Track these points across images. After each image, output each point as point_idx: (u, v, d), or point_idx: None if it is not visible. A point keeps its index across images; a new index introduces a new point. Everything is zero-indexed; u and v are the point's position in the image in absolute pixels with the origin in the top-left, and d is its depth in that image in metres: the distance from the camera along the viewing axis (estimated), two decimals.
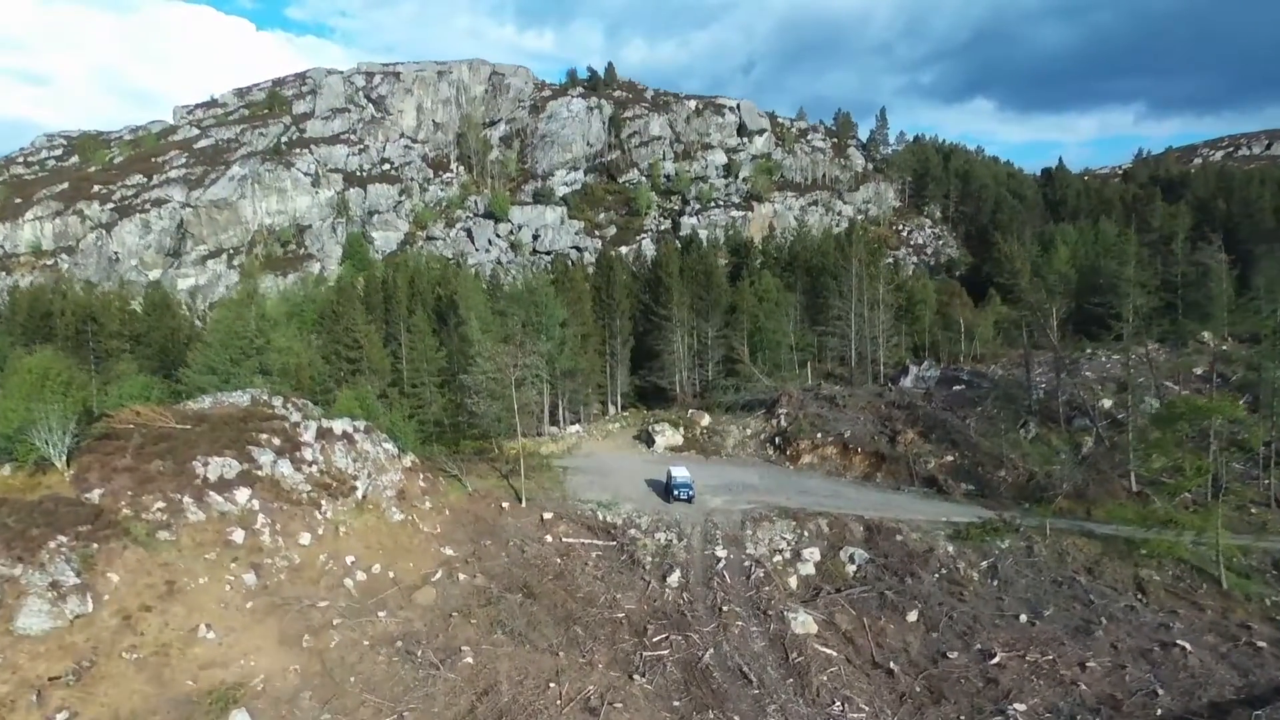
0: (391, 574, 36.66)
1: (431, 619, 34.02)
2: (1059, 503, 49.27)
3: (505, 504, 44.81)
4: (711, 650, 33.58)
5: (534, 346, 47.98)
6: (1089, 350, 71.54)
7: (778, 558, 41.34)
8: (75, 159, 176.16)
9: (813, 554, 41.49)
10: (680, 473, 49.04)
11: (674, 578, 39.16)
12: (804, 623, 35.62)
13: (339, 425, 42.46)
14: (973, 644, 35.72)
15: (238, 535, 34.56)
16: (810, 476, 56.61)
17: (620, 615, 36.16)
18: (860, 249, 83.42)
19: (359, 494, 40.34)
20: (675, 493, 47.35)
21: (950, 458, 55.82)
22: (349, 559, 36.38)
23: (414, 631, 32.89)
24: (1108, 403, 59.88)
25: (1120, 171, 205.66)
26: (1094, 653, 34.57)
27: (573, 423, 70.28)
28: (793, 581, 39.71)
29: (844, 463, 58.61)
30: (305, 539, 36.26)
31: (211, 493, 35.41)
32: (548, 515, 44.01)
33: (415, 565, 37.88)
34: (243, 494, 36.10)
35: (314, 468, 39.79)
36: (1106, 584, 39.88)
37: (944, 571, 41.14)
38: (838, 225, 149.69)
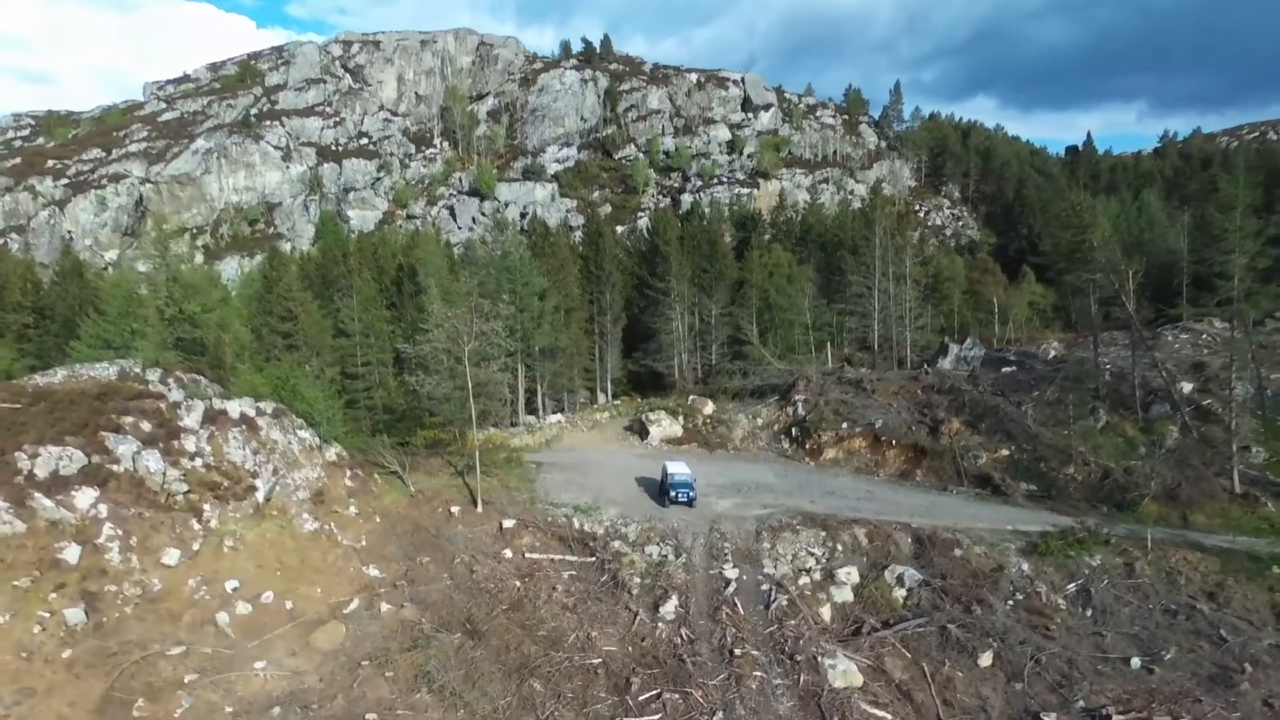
0: (289, 604, 27.66)
1: (332, 670, 25.02)
2: (1146, 506, 40.39)
3: (455, 508, 35.77)
4: (720, 714, 24.58)
5: (495, 309, 38.86)
6: (1161, 326, 62.52)
7: (805, 579, 32.30)
8: (41, 140, 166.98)
9: (850, 574, 32.46)
10: (679, 469, 40.03)
11: (669, 607, 30.17)
12: (845, 672, 26.64)
13: (237, 407, 33.40)
14: (1072, 699, 26.81)
15: (70, 553, 25.58)
16: (836, 474, 47.60)
17: (595, 661, 27.11)
18: (885, 215, 74.32)
19: (259, 496, 31.33)
20: (672, 494, 38.32)
21: (1005, 451, 46.78)
22: (230, 584, 27.37)
23: (303, 690, 23.90)
24: (1187, 387, 50.85)
25: (1139, 156, 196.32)
26: (1242, 714, 25.69)
27: (554, 412, 61.26)
28: (826, 612, 30.68)
29: (875, 458, 49.57)
30: (172, 557, 27.26)
31: (39, 495, 26.41)
32: (508, 523, 34.98)
33: (324, 591, 28.88)
34: (85, 496, 27.09)
35: (197, 461, 30.75)
36: (1236, 614, 30.85)
37: (1020, 597, 32.14)
38: (851, 204, 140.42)
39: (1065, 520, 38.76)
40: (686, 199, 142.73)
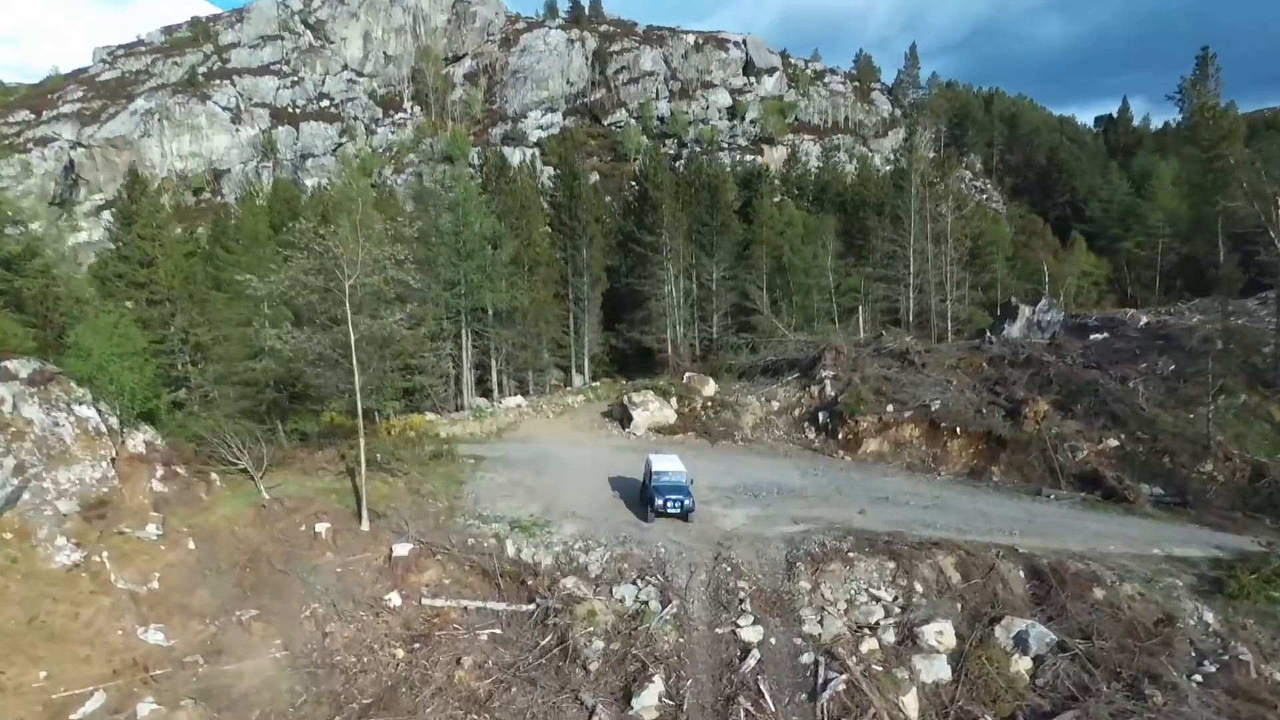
0: None
1: None
2: None
3: (324, 526, 23.82)
4: None
5: (397, 229, 27.01)
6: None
7: (871, 643, 20.38)
8: None
9: (942, 634, 20.60)
10: (669, 466, 28.04)
11: (649, 696, 18.30)
12: None
13: None
14: None
15: None
16: (883, 473, 35.83)
17: None
18: (923, 159, 62.53)
19: None
20: (659, 502, 26.32)
21: (1113, 441, 35.03)
22: None
23: None
24: None
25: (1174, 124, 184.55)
26: None
27: (516, 394, 49.36)
28: (911, 704, 18.80)
29: (933, 450, 37.75)
30: None
31: None
32: (402, 549, 23.04)
33: (51, 677, 16.98)
34: None
35: None
36: None
37: (1213, 669, 20.41)
38: (871, 162, 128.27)
39: (1233, 540, 27.12)
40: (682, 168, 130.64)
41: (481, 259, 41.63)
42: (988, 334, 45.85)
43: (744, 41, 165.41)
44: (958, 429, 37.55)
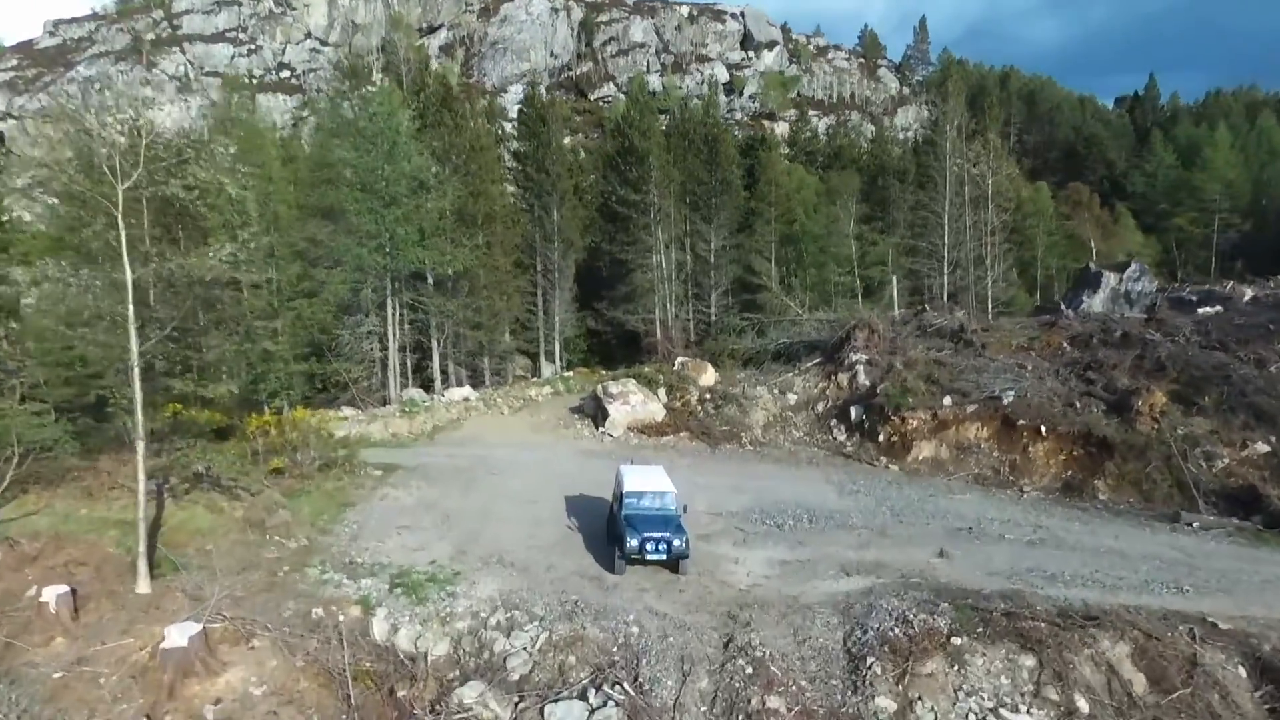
0: None
1: None
2: None
3: (59, 591, 14.29)
4: None
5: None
6: None
7: None
8: None
9: None
10: (648, 483, 18.52)
11: None
12: None
13: None
14: None
15: None
16: (947, 488, 26.60)
17: None
18: (959, 108, 53.48)
19: None
20: (634, 543, 16.81)
21: (1263, 446, 25.88)
22: None
23: None
24: None
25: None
26: None
27: (465, 385, 39.93)
28: None
29: (1009, 456, 28.49)
30: None
31: None
32: (181, 635, 13.43)
33: None
34: None
35: None
36: None
37: None
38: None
39: None
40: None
41: (404, 206, 32.17)
42: (1063, 307, 36.56)
43: (742, 13, 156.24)
44: (1042, 428, 28.30)
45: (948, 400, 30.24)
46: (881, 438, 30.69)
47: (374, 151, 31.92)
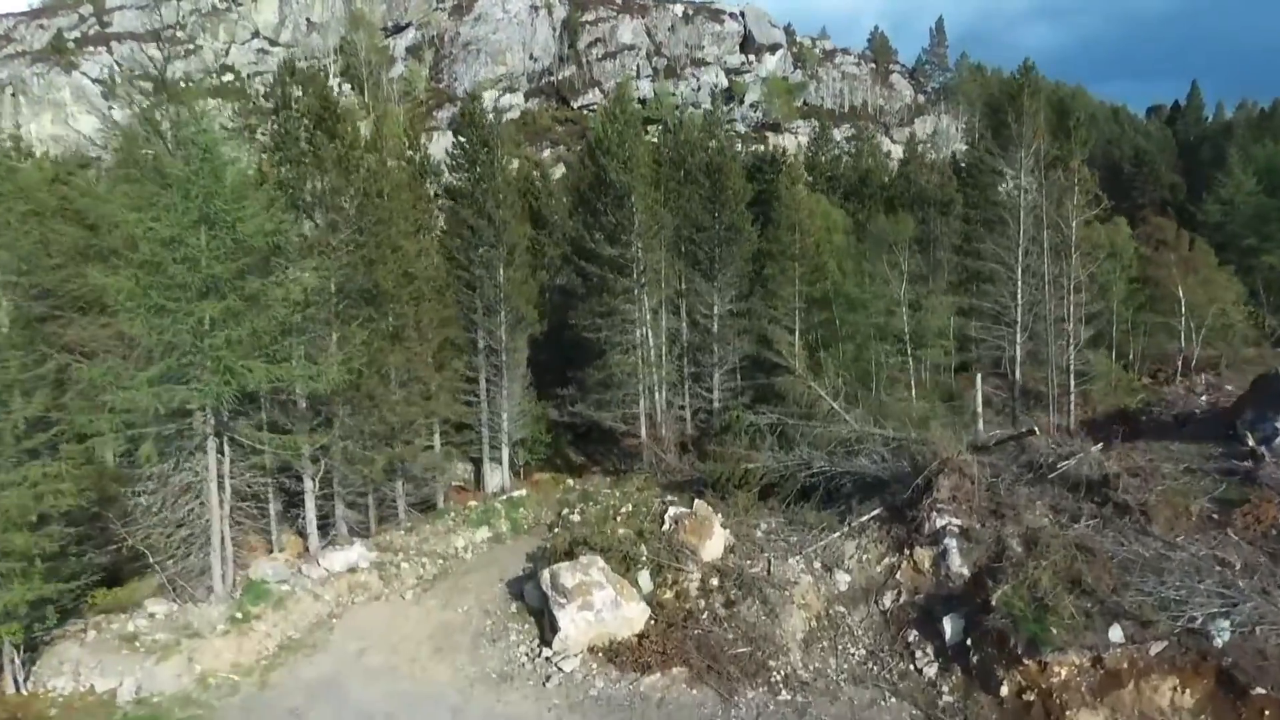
0: None
1: None
2: None
3: None
4: None
5: None
6: None
7: None
8: None
9: None
10: None
11: None
12: None
13: None
14: None
15: None
16: None
17: None
18: (1036, 128, 42.46)
19: None
20: None
21: None
22: None
23: None
24: None
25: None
26: None
27: (353, 536, 28.18)
28: None
29: None
30: None
31: None
32: None
33: None
34: None
35: None
36: None
37: None
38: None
39: None
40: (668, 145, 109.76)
41: (241, 297, 20.49)
42: (1245, 435, 24.87)
43: (742, 13, 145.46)
44: None
45: (1117, 633, 18.62)
46: (1005, 689, 19.03)
47: (179, 208, 20.16)
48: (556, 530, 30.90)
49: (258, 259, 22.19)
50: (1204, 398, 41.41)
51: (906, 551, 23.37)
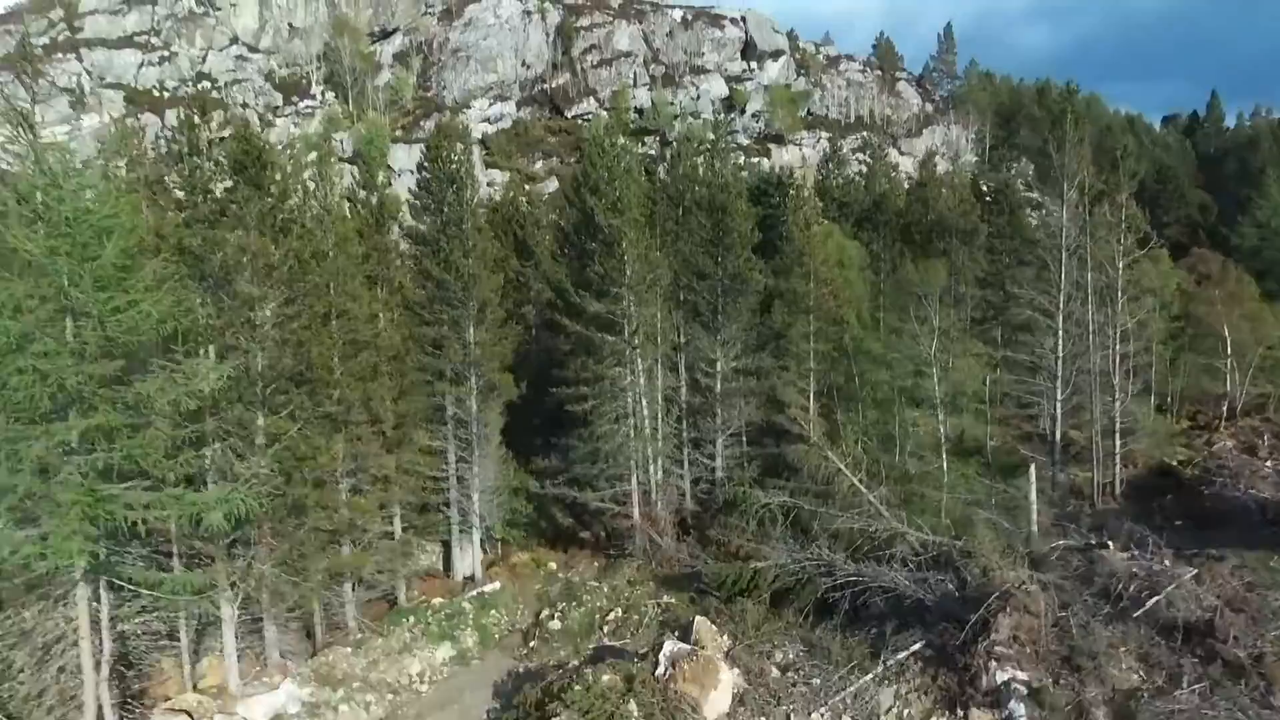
0: None
1: None
2: None
3: None
4: None
5: None
6: None
7: None
8: None
9: None
10: None
11: None
12: None
13: None
14: None
15: None
16: None
17: None
18: (1081, 155, 38.17)
19: None
20: None
21: None
22: None
23: None
24: None
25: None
26: None
27: (288, 656, 23.68)
28: None
29: None
30: None
31: None
32: None
33: None
34: None
35: None
36: None
37: None
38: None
39: None
40: (664, 175, 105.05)
41: (113, 410, 16.09)
42: None
43: (744, 18, 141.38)
44: None
45: None
46: None
47: (34, 296, 15.77)
48: (533, 644, 26.61)
49: (146, 353, 17.75)
50: (1270, 464, 37.13)
51: (960, 713, 18.93)
